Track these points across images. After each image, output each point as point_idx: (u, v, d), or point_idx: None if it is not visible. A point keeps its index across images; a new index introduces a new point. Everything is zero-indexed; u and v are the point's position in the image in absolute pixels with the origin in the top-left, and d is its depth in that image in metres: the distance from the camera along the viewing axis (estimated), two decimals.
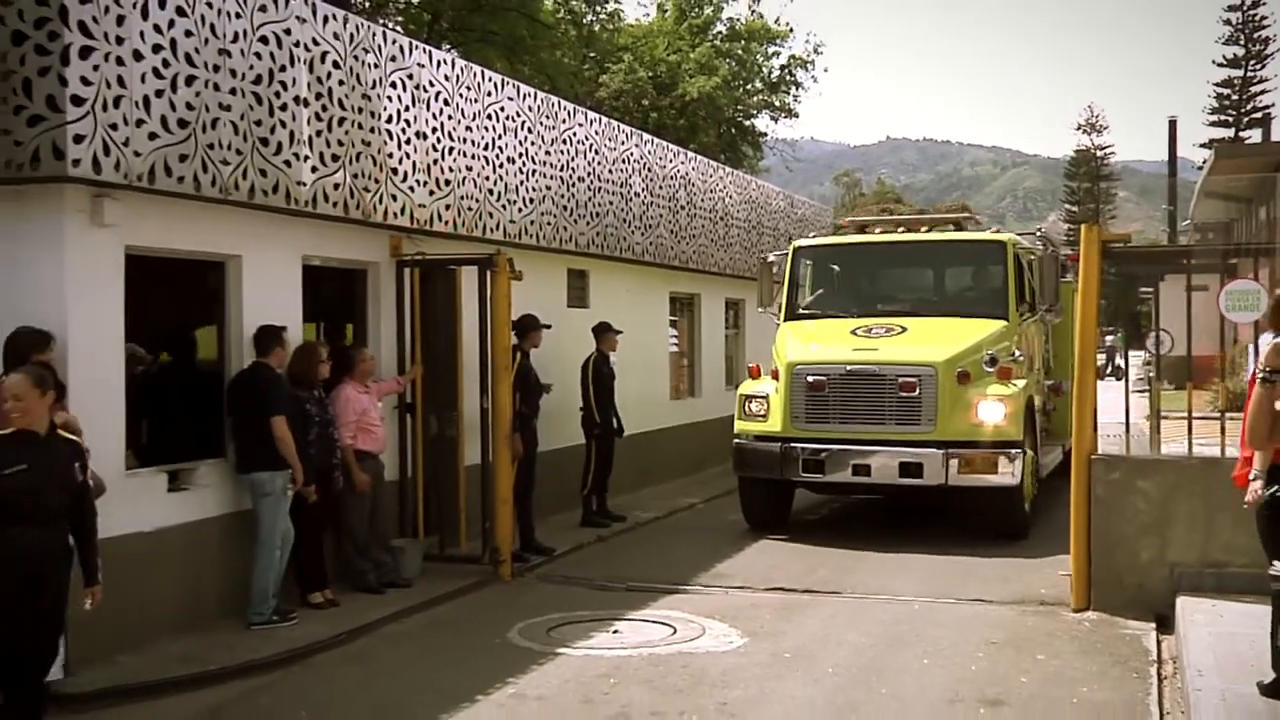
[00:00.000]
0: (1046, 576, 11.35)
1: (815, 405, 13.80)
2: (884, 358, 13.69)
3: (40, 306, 8.76)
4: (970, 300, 15.85)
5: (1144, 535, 10.05)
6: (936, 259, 16.90)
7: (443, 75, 12.93)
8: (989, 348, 13.89)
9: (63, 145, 8.46)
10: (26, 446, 6.80)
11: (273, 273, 10.97)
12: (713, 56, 40.37)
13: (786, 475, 14.04)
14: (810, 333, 15.07)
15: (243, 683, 8.78)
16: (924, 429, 13.34)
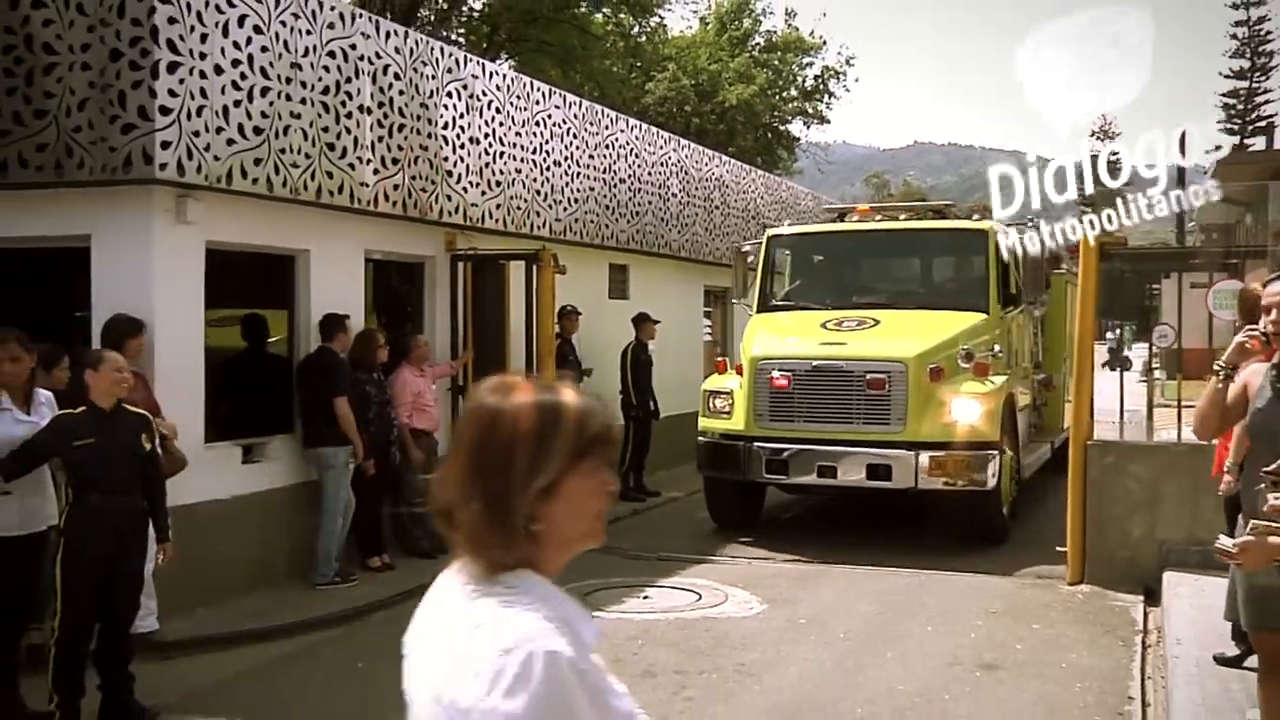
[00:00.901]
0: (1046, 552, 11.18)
1: (780, 403, 12.09)
2: (851, 353, 11.94)
3: (131, 296, 8.92)
4: (950, 292, 14.19)
5: (1135, 514, 10.11)
6: (915, 248, 14.98)
7: (494, 85, 13.07)
8: (965, 342, 12.13)
9: (151, 151, 8.65)
10: (95, 422, 6.97)
11: (337, 266, 11.10)
12: (751, 66, 40.24)
13: (749, 476, 12.33)
14: (779, 325, 13.30)
15: (307, 637, 8.97)
16: (893, 429, 11.61)
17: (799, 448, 11.87)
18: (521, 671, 1.85)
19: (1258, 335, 5.20)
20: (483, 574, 2.02)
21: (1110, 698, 7.38)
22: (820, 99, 42.80)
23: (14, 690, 7.10)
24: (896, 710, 7.16)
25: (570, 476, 2.03)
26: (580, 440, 2.05)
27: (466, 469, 2.04)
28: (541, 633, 1.91)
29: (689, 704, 7.35)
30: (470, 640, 1.95)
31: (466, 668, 1.92)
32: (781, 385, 11.95)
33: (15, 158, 9.05)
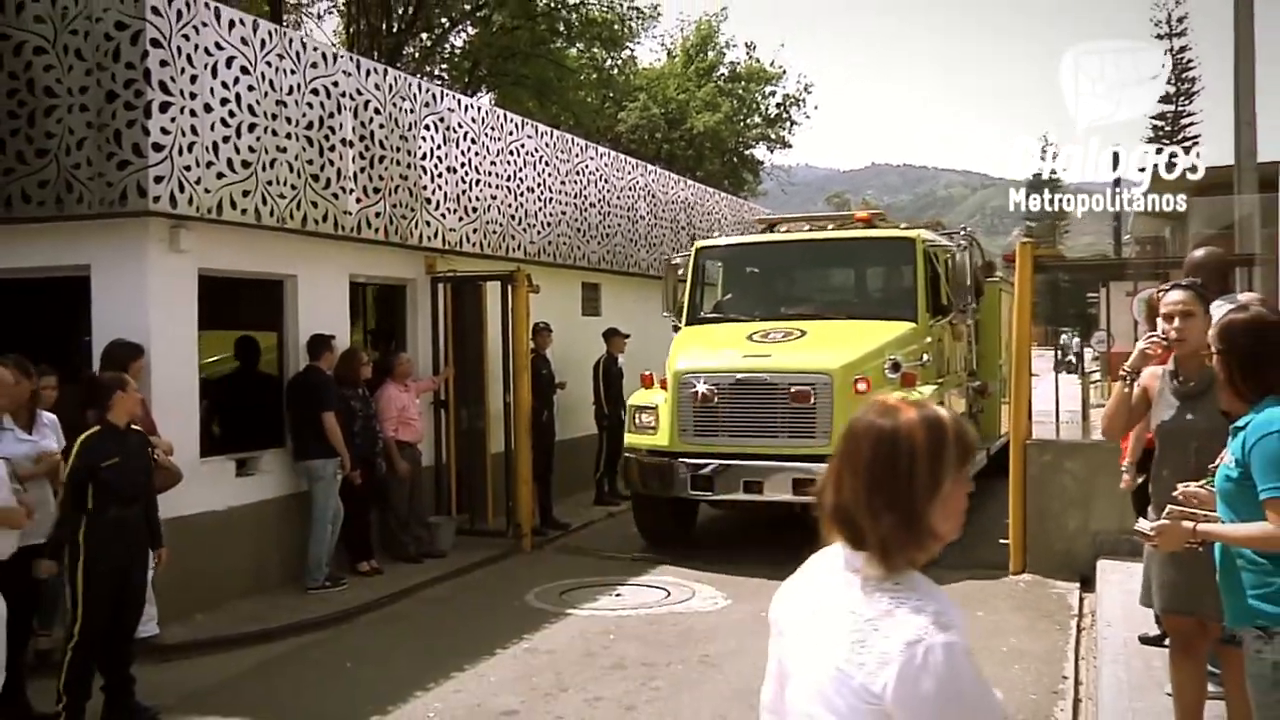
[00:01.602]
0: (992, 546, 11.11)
1: (704, 417, 11.13)
2: (775, 365, 11.01)
3: (128, 321, 8.96)
4: (878, 301, 13.23)
5: (1071, 508, 10.23)
6: (843, 258, 13.95)
7: (470, 118, 13.15)
8: (893, 352, 11.22)
9: (145, 185, 8.70)
10: (116, 440, 7.06)
11: (324, 289, 11.14)
12: (716, 95, 40.33)
13: (675, 493, 11.36)
14: (705, 338, 12.36)
15: (299, 639, 8.97)
16: (819, 442, 10.46)
17: (723, 463, 11.01)
18: (927, 661, 2.07)
19: (1158, 340, 5.32)
20: (884, 573, 2.21)
21: (1046, 677, 7.51)
22: (782, 125, 42.95)
23: (22, 693, 7.09)
24: None
25: (953, 482, 2.22)
26: (960, 449, 2.25)
27: (869, 485, 2.23)
28: (939, 626, 2.11)
29: (655, 693, 7.42)
30: (876, 632, 2.14)
31: (873, 656, 2.12)
32: (705, 399, 11.07)
33: (19, 193, 9.11)
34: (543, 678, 7.77)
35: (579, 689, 7.50)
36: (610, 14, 37.06)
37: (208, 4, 9.50)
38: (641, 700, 7.26)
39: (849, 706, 2.15)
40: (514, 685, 7.64)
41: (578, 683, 7.63)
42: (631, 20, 38.06)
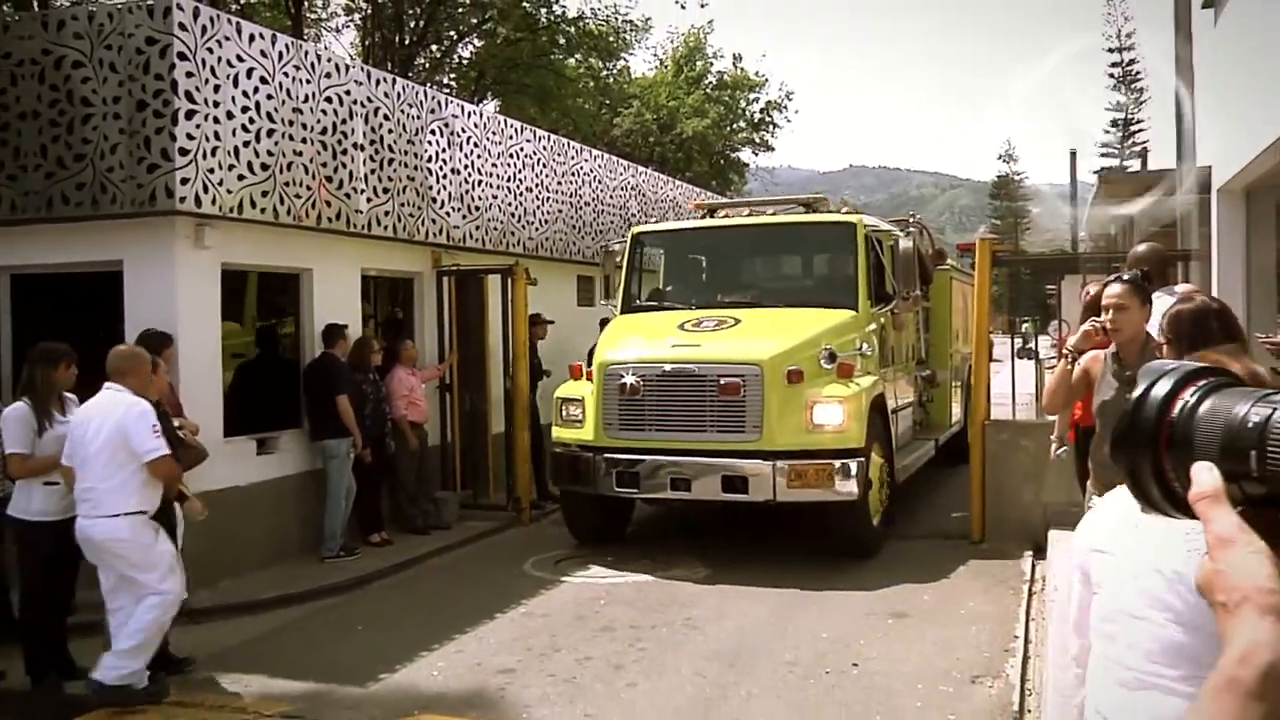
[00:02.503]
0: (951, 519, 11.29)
1: (629, 411, 9.85)
2: (704, 355, 9.74)
3: (157, 312, 9.04)
4: (818, 289, 11.74)
5: (1025, 482, 10.29)
6: (783, 244, 12.24)
7: (472, 123, 13.20)
8: (829, 341, 9.96)
9: (172, 186, 8.77)
10: (160, 415, 7.15)
11: (337, 282, 11.19)
12: (704, 102, 40.37)
13: (600, 490, 10.02)
14: (635, 327, 10.93)
15: (315, 603, 9.06)
16: (749, 437, 9.44)
17: (650, 459, 9.70)
18: None
19: (1099, 325, 5.43)
20: None
21: (999, 637, 7.58)
22: (765, 129, 42.98)
23: (62, 651, 7.24)
24: (818, 653, 7.30)
25: None
26: None
27: None
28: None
29: (642, 653, 7.48)
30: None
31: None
32: (631, 392, 9.75)
33: (59, 195, 9.18)
34: (538, 639, 7.83)
35: (571, 649, 7.56)
36: (606, 27, 37.10)
37: (230, 19, 9.58)
38: (629, 660, 7.33)
39: (1184, 604, 2.19)
40: (511, 646, 7.70)
41: (570, 644, 7.69)
42: (626, 33, 38.11)
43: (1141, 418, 1.16)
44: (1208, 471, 1.07)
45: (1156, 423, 1.15)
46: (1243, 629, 0.97)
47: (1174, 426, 1.14)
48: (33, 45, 9.33)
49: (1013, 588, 8.87)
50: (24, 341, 8.68)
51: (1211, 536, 1.04)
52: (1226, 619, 0.99)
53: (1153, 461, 1.15)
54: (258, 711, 6.58)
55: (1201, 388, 1.14)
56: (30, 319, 9.84)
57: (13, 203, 9.38)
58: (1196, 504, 1.06)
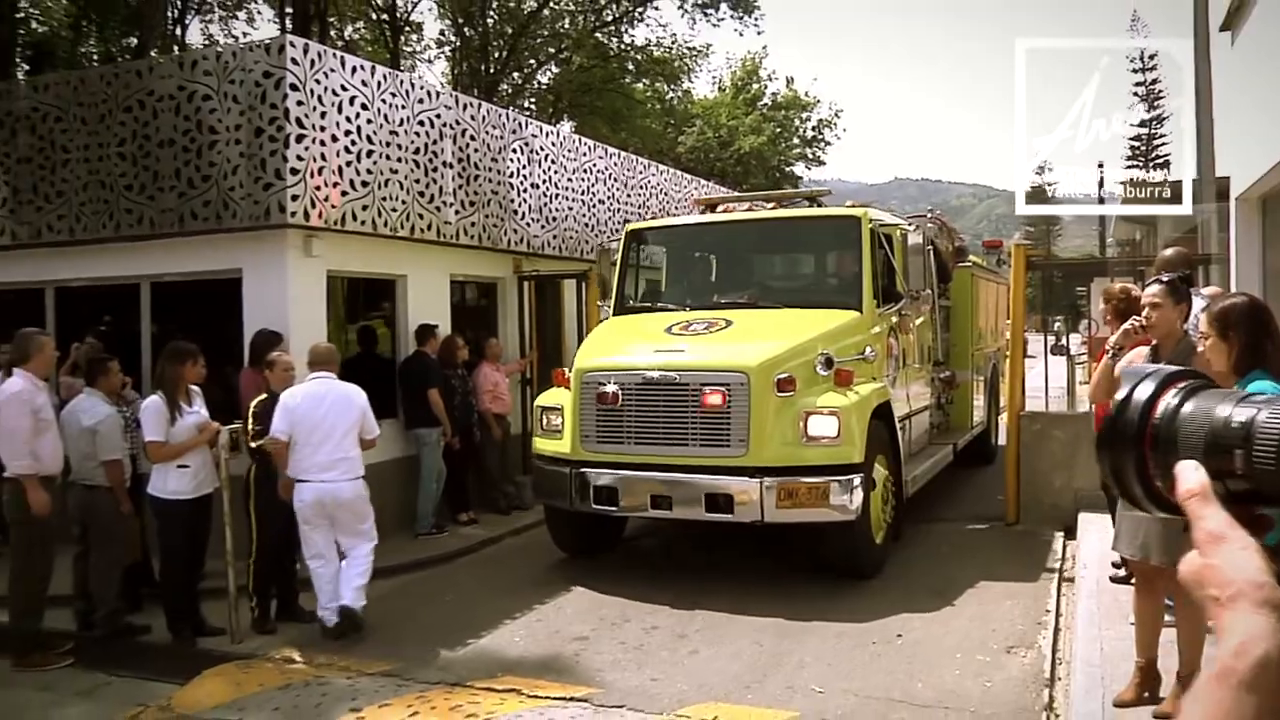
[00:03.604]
0: (991, 502, 11.08)
1: (608, 421, 8.33)
2: (686, 362, 8.18)
3: (271, 313, 9.22)
4: (819, 289, 10.09)
5: (1057, 469, 10.14)
6: (784, 240, 10.52)
7: (550, 142, 13.29)
8: (827, 345, 8.37)
9: (284, 202, 8.94)
10: (275, 404, 7.47)
11: (429, 286, 11.28)
12: (760, 121, 40.23)
13: (577, 506, 8.53)
14: (620, 330, 9.49)
15: (409, 575, 9.18)
16: (734, 452, 7.89)
17: (628, 474, 8.24)
18: None
19: (1138, 324, 5.45)
20: None
21: (1032, 611, 7.50)
22: (817, 145, 42.72)
23: (197, 612, 7.50)
24: (865, 626, 7.26)
25: None
26: None
27: None
28: None
29: (703, 624, 7.48)
30: None
31: None
32: (609, 401, 8.28)
33: (189, 212, 9.42)
34: (609, 610, 7.86)
35: (639, 620, 7.58)
36: (670, 54, 37.13)
37: (335, 54, 9.75)
38: (691, 629, 7.33)
39: None
40: (586, 616, 7.74)
41: (638, 615, 7.69)
42: (688, 59, 38.12)
43: (1125, 419, 1.14)
44: (1194, 470, 1.05)
45: (1140, 424, 1.12)
46: (1238, 622, 0.94)
47: (1157, 427, 1.11)
48: (170, 83, 9.59)
49: (1046, 567, 8.76)
50: (161, 341, 8.94)
51: (1202, 533, 1.01)
52: (1220, 613, 0.96)
53: (1136, 461, 1.12)
54: (360, 670, 6.71)
55: (1182, 389, 1.13)
56: (165, 321, 10.10)
57: (151, 220, 9.64)
58: (1186, 501, 1.04)
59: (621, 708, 5.92)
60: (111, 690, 6.75)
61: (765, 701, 5.90)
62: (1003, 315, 14.43)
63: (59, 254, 10.49)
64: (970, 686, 6.06)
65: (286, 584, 7.81)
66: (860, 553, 8.28)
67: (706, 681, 6.26)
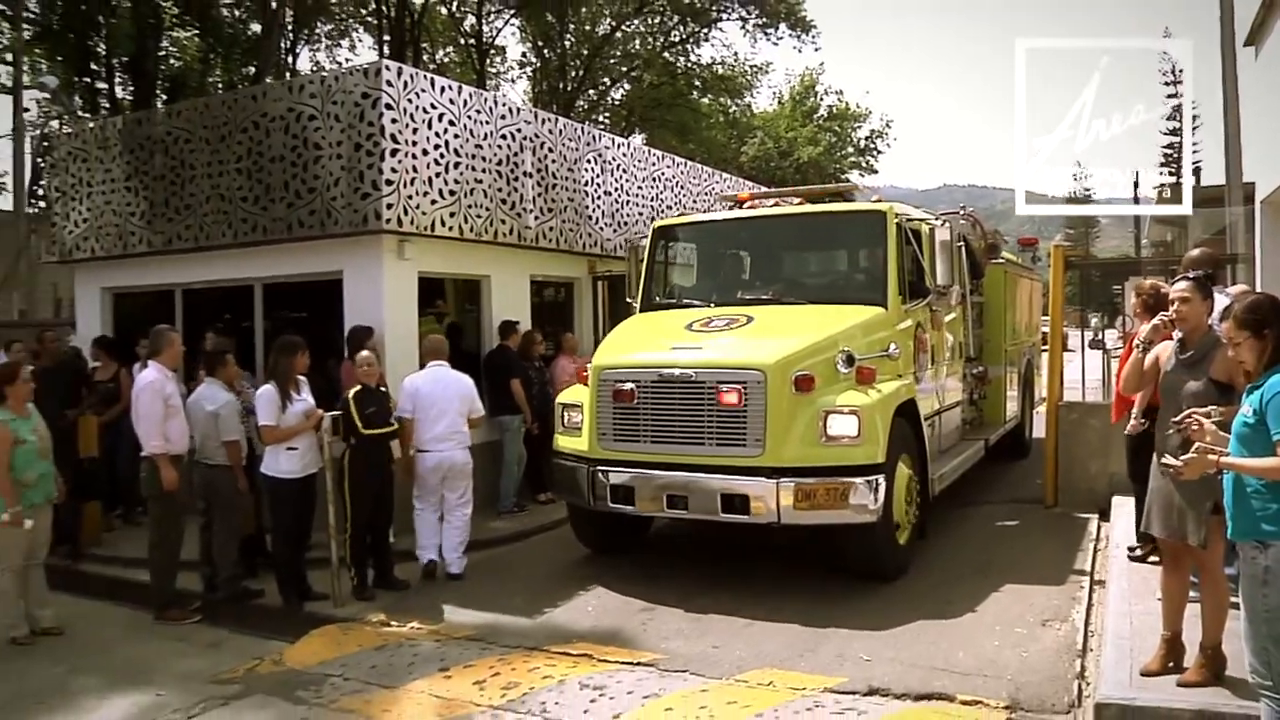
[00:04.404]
0: (1031, 486, 10.92)
1: (624, 419, 7.67)
2: (702, 360, 7.46)
3: (368, 311, 9.37)
4: (844, 284, 9.13)
5: (1093, 456, 9.95)
6: (809, 236, 9.49)
7: (621, 153, 13.30)
8: (849, 343, 7.66)
9: (380, 210, 9.07)
10: (372, 394, 7.67)
11: (510, 286, 11.34)
12: (817, 132, 39.88)
13: (595, 505, 7.88)
14: (642, 328, 8.79)
15: (494, 549, 9.25)
16: (750, 452, 7.19)
17: (645, 473, 7.58)
18: None
19: (1166, 320, 5.39)
20: None
21: (1067, 587, 7.40)
22: (870, 153, 42.24)
23: (303, 580, 7.68)
24: (910, 599, 7.20)
25: None
26: None
27: None
28: None
29: (759, 596, 7.48)
30: None
31: None
32: (626, 399, 7.65)
33: (296, 221, 9.61)
34: (671, 585, 7.79)
35: (699, 594, 7.54)
36: (733, 71, 37.02)
37: (425, 75, 9.87)
38: (748, 604, 7.29)
39: None
40: (649, 590, 7.72)
41: (698, 590, 7.66)
42: (749, 75, 37.97)
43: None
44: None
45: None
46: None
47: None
48: (281, 105, 9.79)
49: (1081, 546, 8.61)
50: (272, 336, 9.13)
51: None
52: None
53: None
54: (448, 634, 6.83)
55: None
56: (275, 318, 10.33)
57: (264, 228, 9.87)
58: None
59: (684, 672, 5.95)
60: (232, 644, 7.00)
61: (817, 668, 5.88)
62: (1037, 311, 14.08)
63: (186, 259, 10.79)
64: (1008, 656, 5.98)
65: (382, 556, 7.94)
66: (882, 555, 7.56)
67: (763, 650, 6.25)
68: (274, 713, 5.65)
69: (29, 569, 7.16)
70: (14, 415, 7.02)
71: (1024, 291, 13.01)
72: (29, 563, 7.14)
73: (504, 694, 5.69)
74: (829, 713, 5.27)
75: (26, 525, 6.89)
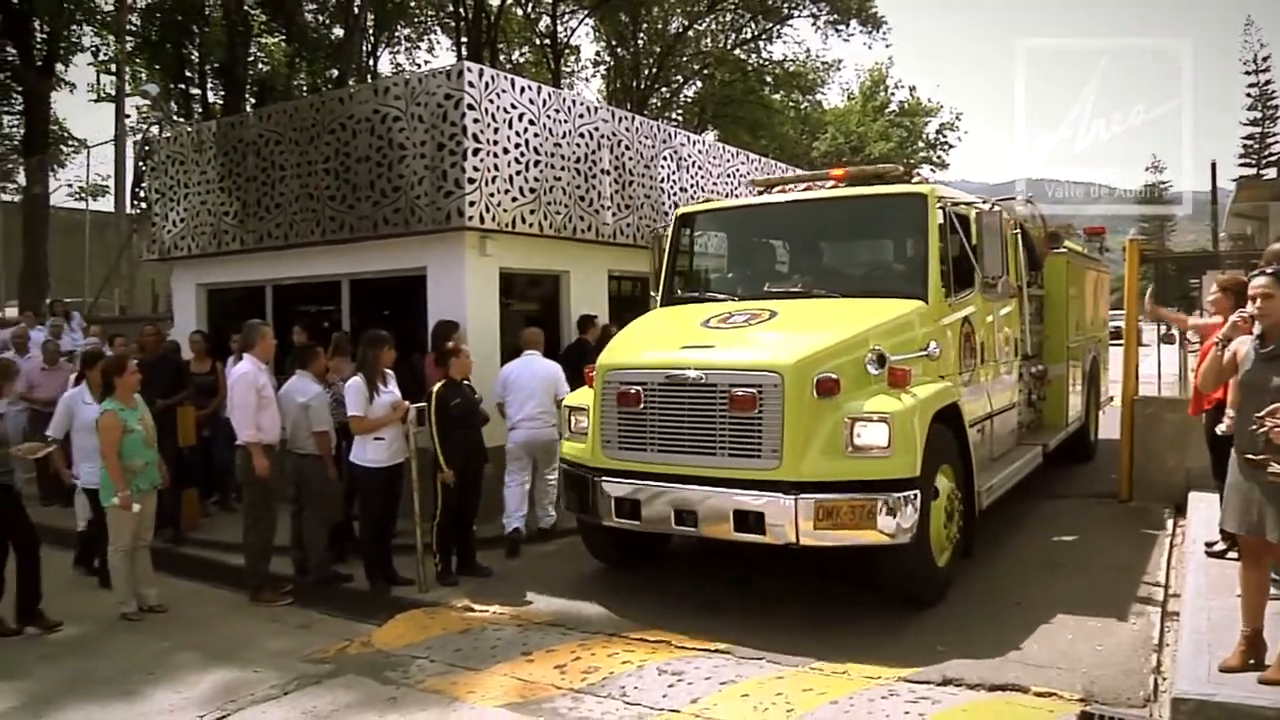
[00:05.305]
0: (1105, 481, 10.68)
1: (629, 425, 6.83)
2: (713, 360, 6.58)
3: (451, 305, 9.53)
4: (881, 275, 8.21)
5: (1169, 449, 9.72)
6: (842, 222, 8.36)
7: (696, 150, 13.31)
8: (882, 340, 6.72)
9: (462, 208, 9.22)
10: (456, 389, 7.81)
11: (589, 281, 11.44)
12: (888, 127, 39.54)
13: (599, 518, 7.04)
14: (657, 324, 7.96)
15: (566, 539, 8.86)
16: (765, 464, 6.30)
17: (650, 485, 6.71)
18: None
19: (1246, 316, 5.24)
20: None
21: (1143, 581, 7.26)
22: (941, 148, 41.65)
23: (389, 565, 7.85)
24: (984, 591, 7.14)
25: None
26: None
27: None
28: None
29: (820, 582, 7.49)
30: None
31: None
32: (631, 403, 6.80)
33: (382, 219, 9.81)
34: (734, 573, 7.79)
35: (774, 584, 7.52)
36: (804, 68, 36.75)
37: (506, 76, 10.00)
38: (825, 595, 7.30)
39: None
40: (724, 579, 7.74)
41: (774, 579, 7.62)
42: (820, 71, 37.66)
43: None
44: None
45: None
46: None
47: None
48: (366, 107, 10.01)
49: (1156, 541, 8.44)
50: (359, 330, 9.33)
51: None
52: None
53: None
54: (529, 620, 6.95)
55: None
56: (362, 313, 10.56)
57: (351, 226, 10.10)
58: None
59: (761, 660, 5.98)
60: (323, 626, 7.19)
61: (892, 659, 5.86)
62: (1104, 304, 13.40)
63: (276, 256, 11.10)
64: (1082, 649, 5.91)
65: (466, 543, 8.08)
66: (915, 579, 6.65)
67: (835, 640, 6.24)
68: (364, 692, 5.80)
69: (136, 550, 7.45)
70: (122, 405, 7.32)
71: (1089, 283, 12.18)
72: (137, 544, 7.43)
73: (584, 678, 5.78)
74: (904, 701, 5.27)
75: (134, 509, 7.19)
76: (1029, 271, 9.46)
